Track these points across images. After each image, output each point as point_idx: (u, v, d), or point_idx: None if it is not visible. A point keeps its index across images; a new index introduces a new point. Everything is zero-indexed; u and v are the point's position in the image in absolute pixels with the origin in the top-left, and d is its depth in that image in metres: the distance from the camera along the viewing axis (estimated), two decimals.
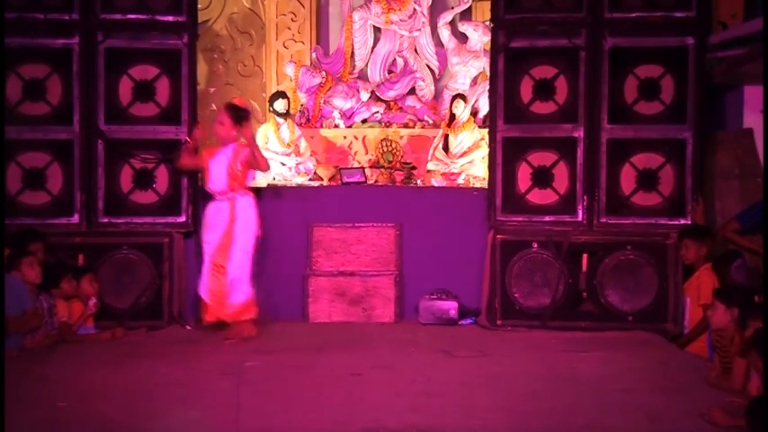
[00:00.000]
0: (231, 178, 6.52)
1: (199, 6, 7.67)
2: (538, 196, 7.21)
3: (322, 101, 8.78)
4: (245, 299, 6.55)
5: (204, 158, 6.65)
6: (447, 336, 6.85)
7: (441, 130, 8.44)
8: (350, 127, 8.78)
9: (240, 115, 6.57)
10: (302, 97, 8.83)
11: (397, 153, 8.34)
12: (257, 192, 7.71)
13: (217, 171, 6.57)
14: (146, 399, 5.05)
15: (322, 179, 8.16)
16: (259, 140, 8.39)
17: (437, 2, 9.04)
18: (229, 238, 6.50)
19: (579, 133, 7.12)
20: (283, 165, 8.27)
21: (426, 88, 9.01)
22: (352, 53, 9.02)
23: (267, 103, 8.58)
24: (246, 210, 6.56)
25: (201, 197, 7.32)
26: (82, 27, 7.10)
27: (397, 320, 7.39)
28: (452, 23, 8.93)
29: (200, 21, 7.83)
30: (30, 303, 6.17)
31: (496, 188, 7.22)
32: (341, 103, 8.77)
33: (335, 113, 8.75)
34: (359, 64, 9.03)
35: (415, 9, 8.91)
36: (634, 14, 7.06)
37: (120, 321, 6.95)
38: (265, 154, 8.25)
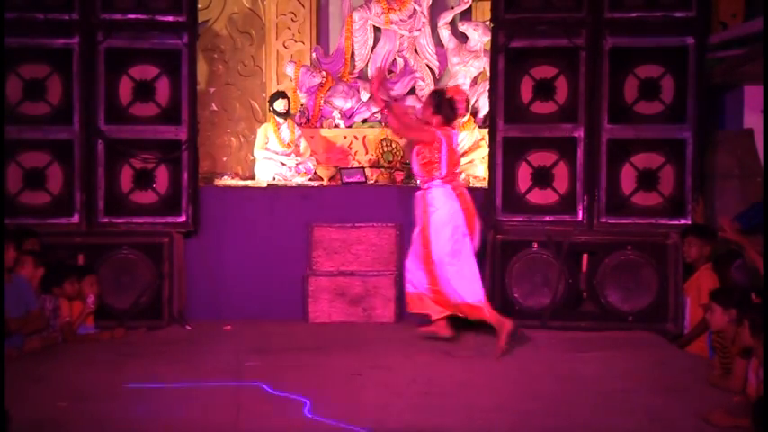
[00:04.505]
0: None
1: (199, 6, 7.66)
2: (538, 196, 7.21)
3: (322, 101, 8.78)
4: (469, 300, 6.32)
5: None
6: None
7: None
8: (350, 127, 8.78)
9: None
10: (302, 97, 8.83)
11: (397, 153, 8.32)
12: (257, 192, 7.76)
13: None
14: (146, 399, 5.05)
15: (322, 179, 8.15)
16: (259, 140, 8.41)
17: (437, 2, 9.03)
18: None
19: (579, 133, 7.12)
20: (283, 165, 8.26)
21: (426, 88, 8.98)
22: (352, 53, 9.01)
23: (267, 103, 8.57)
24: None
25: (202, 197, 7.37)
26: (82, 27, 7.09)
27: (397, 320, 7.38)
28: (452, 23, 8.93)
29: (200, 21, 7.83)
30: (34, 303, 6.18)
31: (496, 188, 7.21)
32: (341, 103, 8.77)
33: (335, 113, 8.75)
34: (359, 64, 9.03)
35: (415, 9, 8.91)
36: (634, 14, 7.06)
37: (120, 321, 6.95)
38: (265, 154, 8.33)
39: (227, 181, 8.22)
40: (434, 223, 6.34)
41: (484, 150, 8.09)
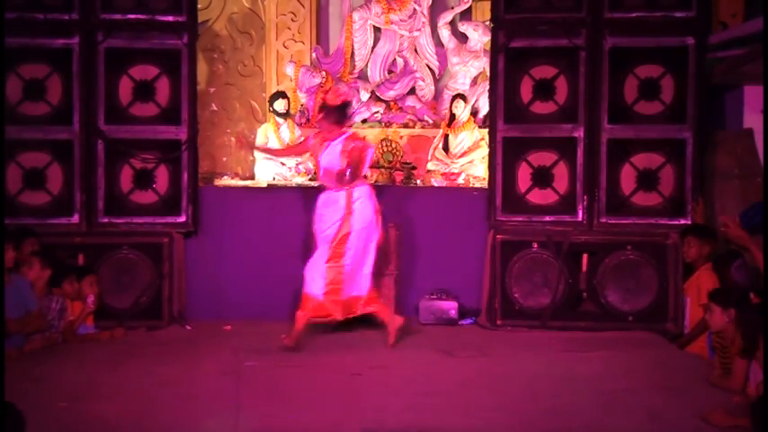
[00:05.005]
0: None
1: (199, 6, 7.67)
2: (538, 196, 7.21)
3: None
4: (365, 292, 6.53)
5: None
6: (447, 336, 6.85)
7: (441, 130, 8.44)
8: (350, 127, 8.77)
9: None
10: (302, 97, 8.83)
11: (397, 153, 8.33)
12: (257, 192, 7.77)
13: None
14: (146, 399, 5.05)
15: None
16: (259, 140, 8.41)
17: (437, 2, 9.03)
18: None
19: (579, 133, 7.12)
20: (283, 165, 8.26)
21: (426, 88, 9.01)
22: (352, 53, 9.01)
23: (267, 103, 8.58)
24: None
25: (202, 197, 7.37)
26: (82, 27, 7.09)
27: None
28: (452, 23, 8.93)
29: (200, 21, 7.84)
30: (34, 304, 6.17)
31: (496, 188, 7.22)
32: None
33: None
34: (359, 64, 9.03)
35: (415, 9, 8.91)
36: (634, 14, 7.06)
37: (120, 321, 6.95)
38: (265, 154, 8.32)
39: (227, 181, 8.22)
40: (357, 222, 6.46)
41: (484, 150, 8.09)
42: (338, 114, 6.55)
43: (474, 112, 8.56)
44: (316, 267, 6.45)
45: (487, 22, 8.17)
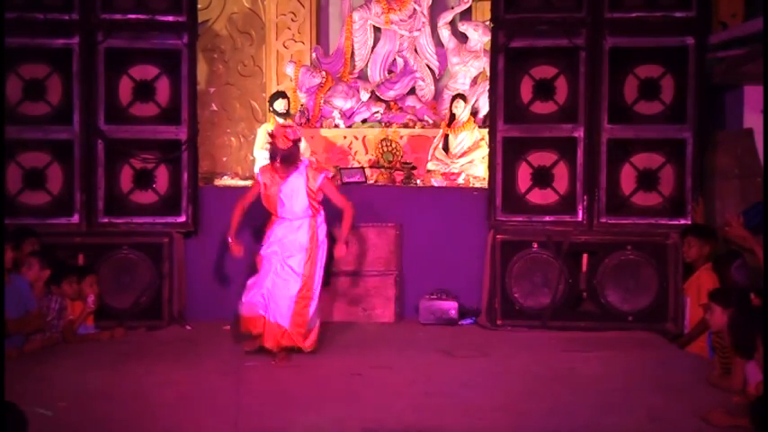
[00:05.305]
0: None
1: (199, 6, 7.67)
2: (538, 196, 7.21)
3: (322, 101, 8.78)
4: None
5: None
6: (447, 336, 6.85)
7: (441, 130, 8.44)
8: (350, 127, 8.78)
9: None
10: (302, 97, 8.84)
11: (397, 153, 8.34)
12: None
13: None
14: (146, 399, 5.05)
15: None
16: (259, 140, 8.41)
17: (437, 2, 9.04)
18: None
19: (579, 133, 7.12)
20: None
21: (426, 88, 9.02)
22: (352, 53, 9.02)
23: (267, 103, 8.58)
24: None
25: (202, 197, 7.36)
26: (82, 27, 7.09)
27: (397, 320, 7.39)
28: (452, 23, 8.93)
29: (200, 21, 7.84)
30: (34, 304, 6.17)
31: (496, 188, 7.21)
32: (341, 103, 8.77)
33: (335, 113, 8.75)
34: (359, 64, 9.04)
35: (415, 9, 8.92)
36: (634, 14, 7.06)
37: (120, 321, 6.95)
38: (265, 154, 8.28)
39: (227, 181, 8.21)
40: (320, 252, 6.09)
41: (484, 150, 8.09)
42: (295, 153, 6.08)
43: (474, 112, 8.56)
44: (282, 297, 5.99)
45: (487, 22, 8.18)
